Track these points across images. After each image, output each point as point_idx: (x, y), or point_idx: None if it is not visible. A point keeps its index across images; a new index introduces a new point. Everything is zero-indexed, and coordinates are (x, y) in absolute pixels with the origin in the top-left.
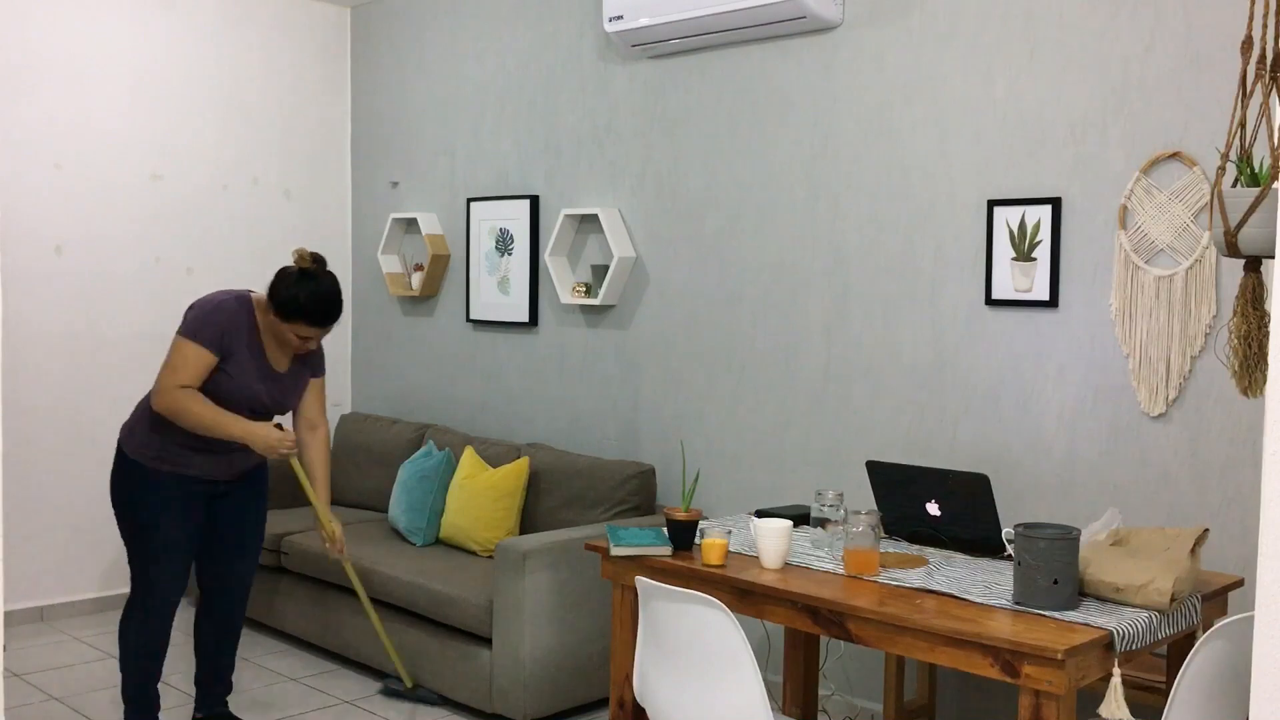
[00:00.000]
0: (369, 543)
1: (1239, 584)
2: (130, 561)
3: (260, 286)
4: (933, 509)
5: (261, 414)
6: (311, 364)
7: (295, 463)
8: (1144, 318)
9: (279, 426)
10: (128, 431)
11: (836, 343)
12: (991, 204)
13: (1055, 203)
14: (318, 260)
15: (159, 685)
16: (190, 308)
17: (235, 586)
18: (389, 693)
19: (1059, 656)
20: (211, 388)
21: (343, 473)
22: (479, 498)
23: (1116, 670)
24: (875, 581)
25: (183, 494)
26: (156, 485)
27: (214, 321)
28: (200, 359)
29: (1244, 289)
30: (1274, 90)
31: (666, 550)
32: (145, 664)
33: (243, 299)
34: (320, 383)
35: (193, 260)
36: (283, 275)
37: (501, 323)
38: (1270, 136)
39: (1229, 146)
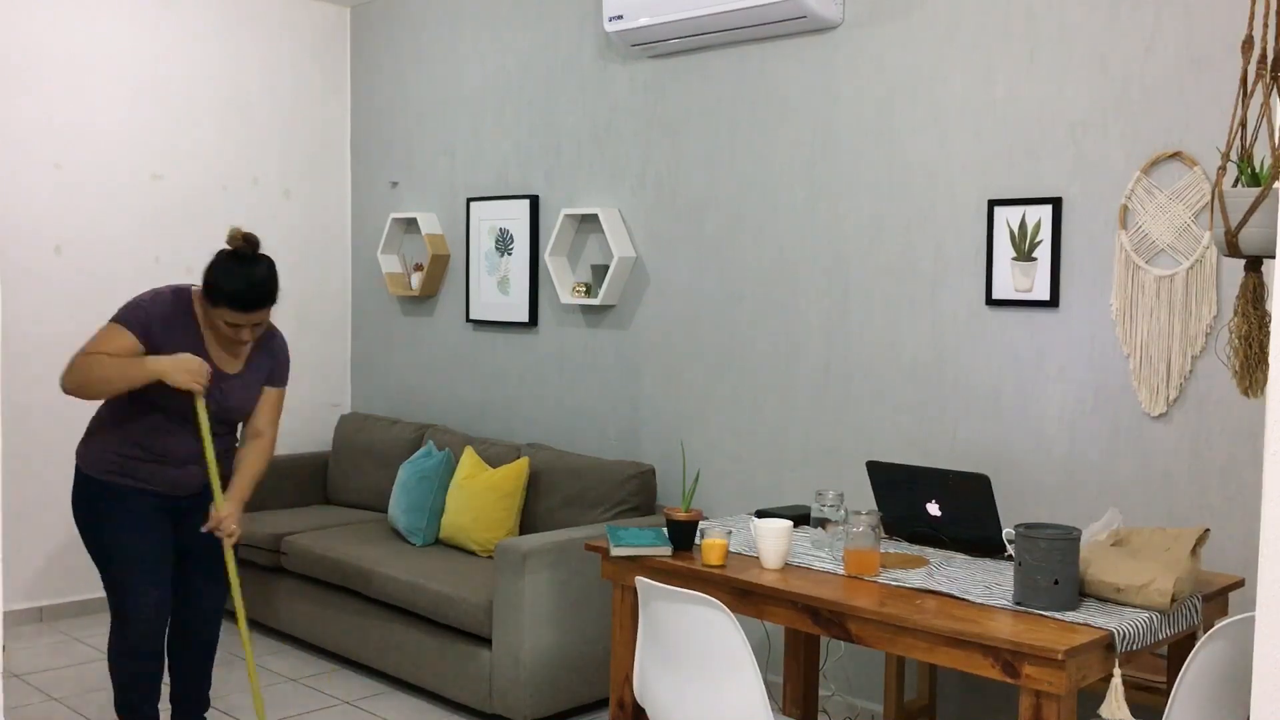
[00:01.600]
0: (369, 543)
1: (1240, 584)
2: (108, 591)
3: None
4: (933, 509)
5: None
6: (274, 375)
7: (202, 405)
8: (1144, 318)
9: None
10: (83, 448)
11: (836, 343)
12: (992, 204)
13: (1055, 203)
14: (250, 241)
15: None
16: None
17: (209, 607)
18: None
19: (1059, 657)
20: (149, 390)
21: (343, 473)
22: (479, 498)
23: (1117, 671)
24: (875, 582)
25: (146, 509)
26: (117, 501)
27: (141, 307)
28: (116, 336)
29: (1244, 289)
30: (1274, 90)
31: (666, 550)
32: (133, 699)
33: (180, 291)
34: (278, 394)
35: (193, 260)
36: (214, 258)
37: (501, 323)
38: (1271, 136)
39: (1229, 146)
